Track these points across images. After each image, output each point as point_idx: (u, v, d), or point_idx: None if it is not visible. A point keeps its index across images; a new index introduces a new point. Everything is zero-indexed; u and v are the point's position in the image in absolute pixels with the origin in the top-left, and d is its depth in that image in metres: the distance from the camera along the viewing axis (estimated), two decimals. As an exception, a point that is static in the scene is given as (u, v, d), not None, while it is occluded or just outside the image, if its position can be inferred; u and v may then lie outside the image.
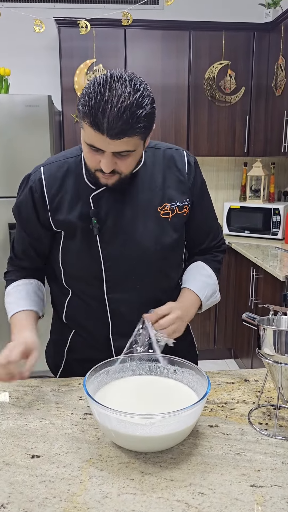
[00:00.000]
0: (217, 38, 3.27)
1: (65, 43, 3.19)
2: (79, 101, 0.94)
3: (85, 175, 1.11)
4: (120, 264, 1.12)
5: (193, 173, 1.17)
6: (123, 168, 1.00)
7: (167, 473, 0.83)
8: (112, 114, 0.88)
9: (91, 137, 0.93)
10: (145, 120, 0.92)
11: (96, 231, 1.08)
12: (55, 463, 0.86)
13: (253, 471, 0.83)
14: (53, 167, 1.12)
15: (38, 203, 1.12)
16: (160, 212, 1.12)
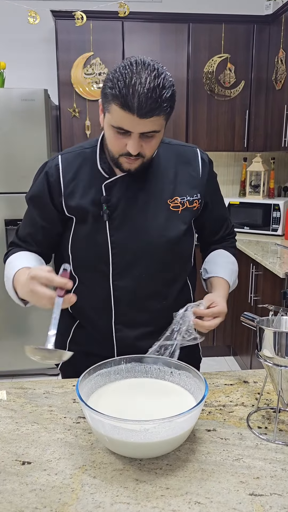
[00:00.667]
0: (217, 31, 3.21)
1: (62, 36, 3.13)
2: (104, 87, 0.99)
3: (99, 163, 1.15)
4: (127, 252, 1.14)
5: (207, 169, 1.22)
6: (147, 150, 1.05)
7: (162, 480, 0.80)
8: (142, 95, 0.93)
9: (119, 119, 0.98)
10: (170, 101, 0.98)
11: (106, 217, 1.12)
12: (47, 470, 0.83)
13: (252, 479, 0.80)
14: (70, 156, 1.17)
15: (53, 187, 1.16)
16: (170, 205, 1.16)
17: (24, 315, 3.05)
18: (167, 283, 1.21)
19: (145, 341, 1.14)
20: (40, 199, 1.18)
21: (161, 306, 1.20)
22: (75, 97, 3.21)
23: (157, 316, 1.19)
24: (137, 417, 0.89)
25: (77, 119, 3.24)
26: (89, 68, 3.18)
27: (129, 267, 1.15)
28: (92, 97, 3.22)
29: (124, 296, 1.17)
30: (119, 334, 1.20)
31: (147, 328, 1.19)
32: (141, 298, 1.17)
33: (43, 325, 3.05)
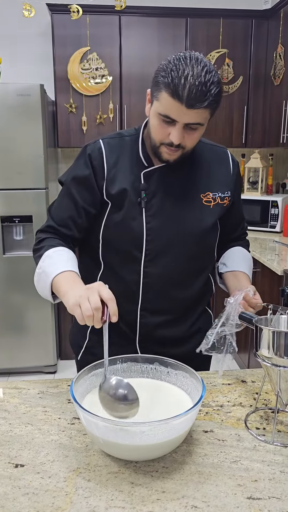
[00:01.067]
0: (215, 26, 3.18)
1: (58, 31, 3.10)
2: (156, 75, 1.05)
3: (141, 152, 1.18)
4: (161, 240, 1.17)
5: (236, 170, 1.28)
6: (188, 142, 1.08)
7: (158, 484, 0.78)
8: (192, 86, 0.98)
9: (168, 107, 1.02)
10: (216, 96, 1.03)
11: (144, 203, 1.15)
12: (40, 473, 0.81)
13: (249, 482, 0.79)
14: (112, 142, 1.20)
15: (96, 169, 1.17)
16: (202, 199, 1.20)
17: (20, 313, 3.02)
18: (194, 273, 1.24)
19: (165, 329, 1.23)
20: (85, 180, 1.18)
21: (184, 296, 1.23)
22: (71, 92, 3.18)
23: (179, 306, 1.24)
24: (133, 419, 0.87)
25: (74, 114, 3.21)
26: (86, 63, 3.14)
27: (161, 254, 1.18)
28: (89, 92, 3.18)
29: (153, 283, 1.19)
30: (143, 321, 1.22)
31: (168, 316, 1.23)
32: (168, 286, 1.20)
33: (39, 323, 3.04)
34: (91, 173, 1.17)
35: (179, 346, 1.26)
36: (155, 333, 1.23)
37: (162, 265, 1.18)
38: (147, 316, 1.22)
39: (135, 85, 3.20)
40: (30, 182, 2.87)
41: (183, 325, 1.26)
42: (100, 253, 1.24)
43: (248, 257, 1.38)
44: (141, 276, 1.19)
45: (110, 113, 3.22)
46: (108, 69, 3.17)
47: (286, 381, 0.90)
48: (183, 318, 1.25)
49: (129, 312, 1.21)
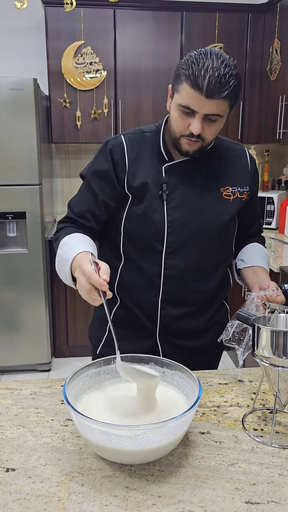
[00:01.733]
0: (211, 20, 3.15)
1: (52, 24, 3.05)
2: (177, 69, 1.09)
3: (162, 146, 1.21)
4: (182, 232, 1.19)
5: (254, 166, 1.31)
6: (208, 134, 1.12)
7: (154, 488, 0.76)
8: (212, 77, 1.03)
9: (188, 98, 1.06)
10: (235, 88, 1.07)
11: (165, 196, 1.18)
12: (32, 478, 0.78)
13: (248, 485, 0.76)
14: (133, 137, 1.23)
15: (117, 163, 1.20)
16: (222, 193, 1.23)
17: (13, 310, 2.99)
18: (214, 266, 1.26)
19: (184, 321, 1.25)
20: (105, 174, 1.21)
21: (204, 288, 1.25)
22: (65, 87, 3.14)
23: (199, 298, 1.26)
24: (128, 421, 0.85)
25: (68, 109, 3.17)
26: (80, 57, 3.10)
27: (182, 246, 1.20)
28: (83, 87, 3.14)
29: (173, 274, 1.21)
30: (163, 312, 1.24)
31: (188, 308, 1.25)
32: (188, 278, 1.22)
33: (33, 320, 3.01)
34: (111, 167, 1.20)
35: (196, 339, 1.29)
36: (175, 325, 1.25)
37: (183, 257, 1.20)
38: (168, 308, 1.24)
39: (130, 79, 3.17)
40: (24, 178, 2.83)
41: (202, 318, 1.28)
42: (121, 246, 1.26)
43: (265, 252, 1.40)
44: (162, 267, 1.21)
45: (105, 108, 3.18)
46: (102, 63, 3.13)
47: (285, 381, 0.88)
48: (202, 311, 1.28)
49: (150, 303, 1.24)
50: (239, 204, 1.26)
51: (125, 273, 1.26)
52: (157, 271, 1.21)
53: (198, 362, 1.27)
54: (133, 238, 1.23)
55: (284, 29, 2.87)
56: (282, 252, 2.66)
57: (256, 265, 1.33)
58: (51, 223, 3.39)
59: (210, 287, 1.26)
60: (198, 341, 1.29)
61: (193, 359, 1.26)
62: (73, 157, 3.61)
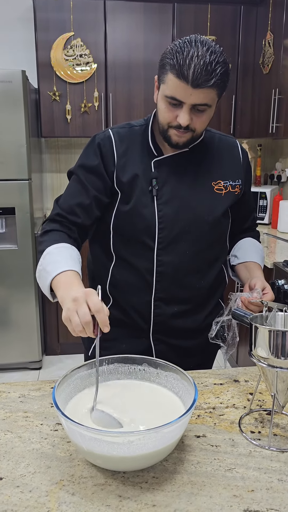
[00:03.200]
0: (203, 12, 3.10)
1: (41, 15, 2.98)
2: (162, 59, 1.05)
3: (151, 141, 1.18)
4: (174, 227, 1.16)
5: (246, 159, 1.28)
6: (197, 124, 1.08)
7: (148, 496, 0.72)
8: (197, 66, 0.99)
9: (174, 88, 1.02)
10: (222, 76, 1.02)
11: (155, 191, 1.14)
12: (20, 487, 0.75)
13: (246, 492, 0.73)
14: (122, 131, 1.19)
15: (106, 157, 1.16)
16: (214, 187, 1.19)
17: (3, 308, 2.94)
18: (208, 262, 1.23)
19: (179, 319, 1.22)
20: (94, 169, 1.17)
21: (198, 285, 1.22)
22: (55, 79, 3.07)
23: (194, 295, 1.22)
24: (122, 424, 0.81)
25: (58, 103, 3.11)
26: (70, 49, 3.03)
27: (174, 242, 1.17)
28: (73, 79, 3.08)
29: (167, 272, 1.18)
30: (157, 311, 1.21)
31: (183, 307, 1.22)
32: (183, 275, 1.19)
33: (23, 318, 2.95)
34: (100, 162, 1.16)
35: (192, 338, 1.26)
36: (169, 324, 1.22)
37: (176, 253, 1.17)
38: (162, 306, 1.21)
39: (121, 72, 3.11)
40: (12, 173, 2.77)
41: (197, 316, 1.25)
42: (112, 245, 1.22)
43: (259, 247, 1.37)
44: (155, 264, 1.17)
45: (95, 101, 3.12)
46: (92, 55, 3.06)
47: (283, 381, 0.85)
48: (197, 309, 1.25)
49: (143, 302, 1.21)
50: (231, 198, 1.22)
51: (116, 271, 1.22)
52: (149, 268, 1.18)
53: (194, 362, 1.24)
54: (123, 236, 1.19)
55: (277, 22, 2.84)
56: (275, 247, 2.64)
57: (249, 260, 1.30)
58: (41, 218, 3.33)
59: (205, 284, 1.23)
60: (193, 340, 1.26)
61: (189, 359, 1.23)
62: (63, 152, 3.55)
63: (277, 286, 2.10)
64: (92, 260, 1.31)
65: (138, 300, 1.21)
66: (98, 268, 1.28)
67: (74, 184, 1.20)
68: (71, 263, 1.05)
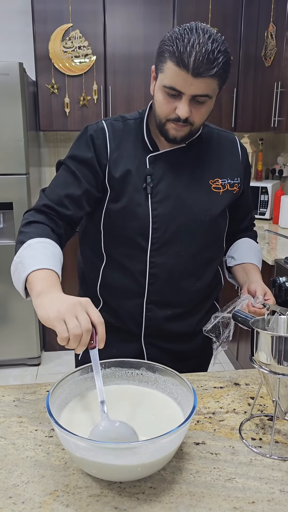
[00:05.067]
0: (204, 3, 3.03)
1: (38, 6, 2.92)
2: (160, 46, 0.99)
3: (146, 136, 1.12)
4: (168, 227, 1.11)
5: (245, 156, 1.22)
6: (196, 117, 1.02)
7: (145, 508, 0.70)
8: (199, 54, 0.93)
9: (173, 77, 0.96)
10: (224, 65, 0.97)
11: (150, 189, 1.09)
12: (12, 498, 0.72)
13: (246, 504, 0.71)
14: (115, 124, 1.13)
15: (99, 149, 1.10)
16: (211, 185, 1.14)
17: (1, 303, 2.91)
18: (204, 264, 1.18)
19: (172, 323, 1.17)
20: (87, 161, 1.10)
21: (193, 288, 1.18)
22: (53, 72, 3.02)
23: (189, 298, 1.18)
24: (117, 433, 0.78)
25: (56, 95, 3.06)
26: (68, 41, 2.98)
27: (168, 243, 1.12)
28: (71, 72, 3.03)
29: (160, 273, 1.13)
30: (149, 314, 1.17)
31: (176, 310, 1.18)
32: (177, 278, 1.14)
33: (22, 313, 2.93)
34: (93, 154, 1.10)
35: (186, 342, 1.22)
36: (162, 327, 1.18)
37: (170, 255, 1.12)
38: (154, 309, 1.16)
39: (120, 64, 3.06)
40: (10, 167, 2.73)
41: (191, 320, 1.20)
42: (103, 244, 1.17)
43: (256, 247, 1.32)
44: (148, 266, 1.12)
45: (94, 94, 3.07)
46: (91, 47, 3.01)
47: (286, 387, 0.82)
48: (192, 312, 1.20)
49: (135, 305, 1.16)
50: (229, 197, 1.17)
51: (107, 273, 1.17)
52: (142, 270, 1.13)
53: (187, 367, 1.20)
54: (115, 235, 1.14)
55: (280, 13, 2.78)
56: (276, 244, 2.60)
57: (247, 262, 1.25)
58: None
59: (200, 286, 1.18)
60: (187, 344, 1.22)
61: (182, 363, 1.19)
62: (62, 145, 3.50)
63: (278, 284, 2.07)
64: (82, 260, 1.26)
65: (130, 303, 1.17)
66: (88, 269, 1.23)
67: (64, 173, 1.12)
68: (52, 262, 0.96)
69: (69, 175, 1.11)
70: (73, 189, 1.09)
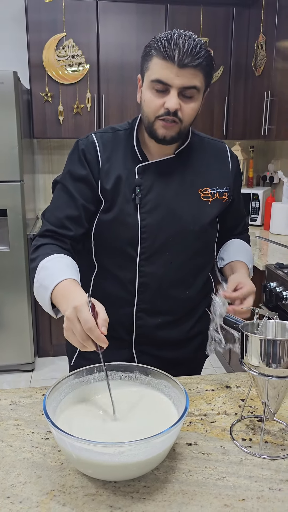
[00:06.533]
0: (195, 13, 3.09)
1: (32, 15, 2.96)
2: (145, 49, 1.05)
3: (136, 146, 1.14)
4: (157, 237, 1.13)
5: (236, 165, 1.24)
6: (185, 113, 1.05)
7: (139, 506, 0.72)
8: (183, 47, 0.99)
9: (160, 71, 1.01)
10: (207, 59, 1.03)
11: (138, 199, 1.11)
12: (10, 498, 0.74)
13: (237, 501, 0.73)
14: (105, 136, 1.16)
15: (91, 163, 1.13)
16: (200, 195, 1.16)
17: (-4, 310, 2.92)
18: (194, 273, 1.20)
19: (163, 331, 1.19)
20: (82, 177, 1.13)
21: (183, 296, 1.19)
22: (47, 80, 3.06)
23: (179, 306, 1.20)
24: (113, 433, 0.81)
25: (50, 104, 3.09)
26: (62, 50, 3.02)
27: (157, 253, 1.13)
28: (65, 80, 3.06)
29: (149, 282, 1.15)
30: (139, 322, 1.18)
31: (167, 318, 1.19)
32: (166, 286, 1.16)
33: (16, 319, 2.94)
34: (87, 169, 1.12)
35: (177, 349, 1.23)
36: (153, 335, 1.19)
37: (159, 264, 1.14)
38: (144, 317, 1.18)
39: (113, 73, 3.10)
40: (4, 174, 2.75)
41: (182, 327, 1.22)
42: (93, 254, 1.19)
43: (246, 247, 1.33)
44: (137, 275, 1.14)
45: (88, 102, 3.11)
46: (85, 56, 3.05)
47: (274, 388, 0.85)
48: (183, 320, 1.22)
49: (125, 313, 1.18)
50: (219, 206, 1.18)
51: (98, 282, 1.19)
52: (131, 279, 1.15)
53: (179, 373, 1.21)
54: (105, 245, 1.16)
55: (269, 24, 2.84)
56: (267, 249, 2.65)
57: (234, 259, 1.26)
58: (33, 220, 3.32)
59: (190, 294, 1.20)
60: (178, 351, 1.23)
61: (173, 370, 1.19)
62: (56, 153, 3.53)
63: (269, 289, 2.11)
64: None
65: (120, 311, 1.18)
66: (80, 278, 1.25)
67: (60, 195, 1.15)
68: (67, 271, 1.00)
69: (66, 196, 1.13)
70: (71, 209, 1.12)
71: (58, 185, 1.17)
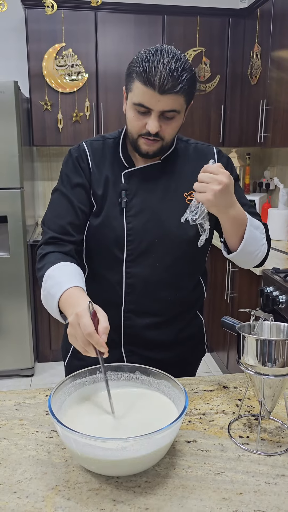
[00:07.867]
0: (192, 24, 3.16)
1: (32, 26, 3.02)
2: (129, 68, 1.07)
3: (121, 153, 1.19)
4: (142, 240, 1.16)
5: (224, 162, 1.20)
6: (166, 132, 1.09)
7: (141, 500, 0.75)
8: (163, 72, 1.00)
9: (141, 95, 1.03)
10: (189, 81, 1.04)
11: (124, 203, 1.15)
12: (17, 493, 0.77)
13: (235, 495, 0.77)
14: (95, 144, 1.21)
15: (85, 170, 1.18)
16: (185, 198, 1.18)
17: (-4, 315, 2.95)
18: (181, 275, 1.21)
19: (152, 331, 1.21)
20: (78, 183, 1.17)
21: (173, 298, 1.21)
22: (46, 89, 3.11)
23: (168, 307, 1.22)
24: (115, 430, 0.84)
25: (49, 112, 3.14)
26: (61, 60, 3.08)
27: (143, 255, 1.16)
28: (64, 89, 3.12)
29: (136, 283, 1.18)
30: (128, 323, 1.21)
31: (155, 318, 1.21)
32: (154, 288, 1.19)
33: (15, 325, 2.97)
34: (84, 178, 1.17)
35: (165, 350, 1.24)
36: (142, 335, 1.22)
37: (145, 266, 1.17)
38: (132, 317, 1.21)
39: (111, 82, 3.16)
40: (4, 181, 2.79)
41: (171, 329, 1.24)
42: (84, 256, 1.23)
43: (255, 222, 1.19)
44: (124, 276, 1.18)
45: (87, 111, 3.16)
46: (84, 65, 3.11)
47: (270, 388, 0.89)
48: (172, 322, 1.23)
49: (114, 314, 1.19)
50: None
51: (89, 283, 1.20)
52: (118, 280, 1.18)
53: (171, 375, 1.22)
54: (94, 247, 1.20)
55: (264, 34, 2.91)
56: (264, 254, 2.68)
57: None
58: (33, 226, 3.35)
59: (179, 297, 1.21)
60: (168, 353, 1.24)
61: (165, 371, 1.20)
62: (55, 160, 3.58)
63: (266, 293, 2.15)
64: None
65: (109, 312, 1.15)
66: None
67: (59, 202, 1.18)
68: (73, 279, 1.04)
69: (65, 202, 1.17)
70: (72, 216, 1.16)
71: (56, 192, 1.20)
